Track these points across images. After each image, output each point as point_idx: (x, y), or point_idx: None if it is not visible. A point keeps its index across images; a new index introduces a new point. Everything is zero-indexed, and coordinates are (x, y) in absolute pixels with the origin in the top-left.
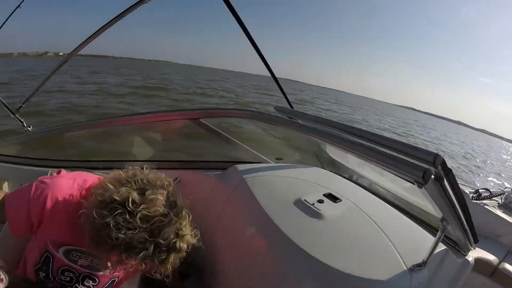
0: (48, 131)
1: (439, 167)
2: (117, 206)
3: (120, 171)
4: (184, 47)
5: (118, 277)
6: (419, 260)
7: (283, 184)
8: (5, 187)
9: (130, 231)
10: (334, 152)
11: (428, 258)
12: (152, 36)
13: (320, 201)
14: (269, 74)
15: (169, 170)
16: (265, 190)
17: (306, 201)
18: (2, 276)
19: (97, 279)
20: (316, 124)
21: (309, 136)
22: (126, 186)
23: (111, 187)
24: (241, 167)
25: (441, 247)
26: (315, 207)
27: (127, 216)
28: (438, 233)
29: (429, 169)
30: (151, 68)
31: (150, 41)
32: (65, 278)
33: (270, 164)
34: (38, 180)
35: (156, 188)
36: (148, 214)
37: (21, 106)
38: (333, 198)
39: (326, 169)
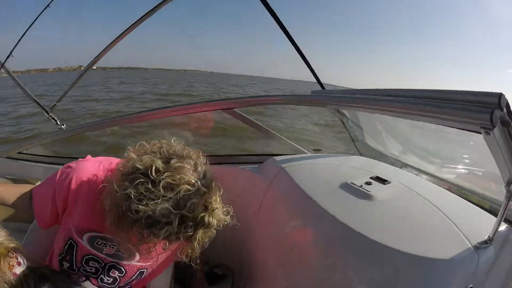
0: (82, 127)
1: (505, 110)
2: (139, 175)
3: (145, 142)
4: (212, 55)
5: (146, 269)
6: (483, 239)
7: (325, 171)
8: None
9: (152, 202)
10: (373, 138)
11: (494, 235)
12: (179, 45)
13: (368, 183)
14: (291, 77)
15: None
16: (307, 177)
17: (353, 183)
18: (20, 260)
19: (123, 269)
20: (356, 95)
21: (353, 108)
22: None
23: (134, 156)
24: (278, 158)
25: (504, 225)
26: (364, 189)
27: (150, 186)
28: (504, 202)
29: (496, 109)
30: (179, 77)
31: (178, 51)
32: (90, 269)
33: (309, 155)
34: (64, 166)
35: (183, 158)
36: (173, 182)
37: (55, 105)
38: (381, 180)
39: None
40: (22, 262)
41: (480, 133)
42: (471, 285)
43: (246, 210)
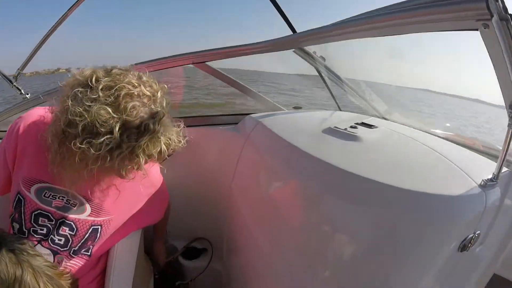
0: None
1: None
2: (79, 88)
3: None
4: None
5: (100, 226)
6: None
7: (306, 122)
8: None
9: (89, 105)
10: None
11: (499, 172)
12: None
13: (353, 127)
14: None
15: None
16: (286, 129)
17: (337, 127)
18: None
19: (74, 226)
20: (330, 26)
21: (337, 38)
22: None
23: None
24: (256, 115)
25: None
26: (349, 131)
27: (88, 92)
28: (508, 130)
29: None
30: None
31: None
32: (41, 229)
33: (288, 111)
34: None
35: (127, 70)
36: (112, 84)
37: (19, 73)
38: (367, 125)
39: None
40: None
41: (477, 29)
42: (479, 231)
43: (222, 175)
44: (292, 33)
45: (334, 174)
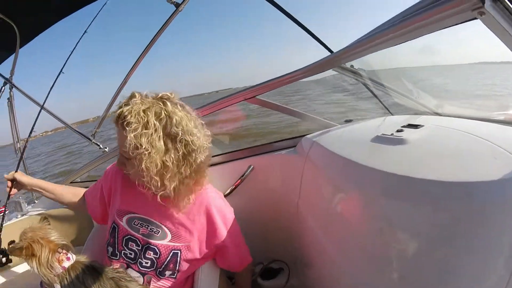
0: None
1: None
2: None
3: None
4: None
5: (180, 250)
6: None
7: (356, 133)
8: None
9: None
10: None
11: None
12: (207, 67)
13: (399, 131)
14: None
15: (241, 160)
16: (338, 143)
17: (383, 134)
18: (70, 256)
19: (157, 250)
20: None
21: (371, 50)
22: None
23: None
24: (311, 135)
25: None
26: (395, 136)
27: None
28: None
29: None
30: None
31: (209, 73)
32: (130, 253)
33: (340, 126)
34: None
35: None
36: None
37: (96, 131)
38: (413, 126)
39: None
40: (71, 257)
41: (476, 18)
42: None
43: (289, 195)
44: (329, 54)
45: (388, 180)
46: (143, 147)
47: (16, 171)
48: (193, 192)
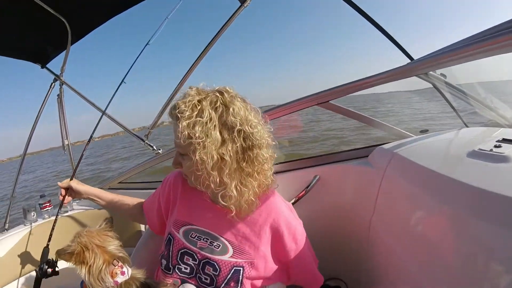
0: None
1: None
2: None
3: None
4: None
5: (242, 267)
6: None
7: (443, 146)
8: None
9: None
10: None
11: None
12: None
13: (497, 146)
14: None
15: (306, 169)
16: (425, 156)
17: (481, 149)
18: (125, 270)
19: (217, 266)
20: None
21: (449, 63)
22: None
23: None
24: (387, 146)
25: None
26: (496, 152)
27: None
28: None
29: None
30: None
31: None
32: (185, 268)
33: (417, 137)
34: None
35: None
36: None
37: (149, 132)
38: (510, 141)
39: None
40: (126, 272)
41: None
42: None
43: (360, 211)
44: (409, 61)
45: (490, 200)
46: (197, 135)
47: (71, 179)
48: (257, 196)
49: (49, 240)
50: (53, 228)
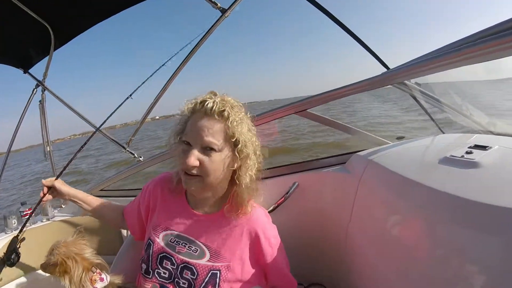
0: (157, 156)
1: None
2: None
3: None
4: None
5: (219, 270)
6: None
7: (417, 153)
8: None
9: None
10: (454, 112)
11: None
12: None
13: (469, 153)
14: None
15: (285, 176)
16: (400, 163)
17: (452, 156)
18: (103, 276)
19: (195, 270)
20: (423, 59)
21: (424, 73)
22: None
23: None
24: (363, 153)
25: None
26: (467, 158)
27: None
28: None
29: None
30: None
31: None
32: (164, 272)
33: (394, 143)
34: None
35: None
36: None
37: (131, 139)
38: (481, 147)
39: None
40: (105, 278)
41: None
42: None
43: (337, 217)
44: (386, 70)
45: (462, 206)
46: (243, 131)
47: (56, 179)
48: (248, 201)
49: (20, 231)
50: (26, 221)
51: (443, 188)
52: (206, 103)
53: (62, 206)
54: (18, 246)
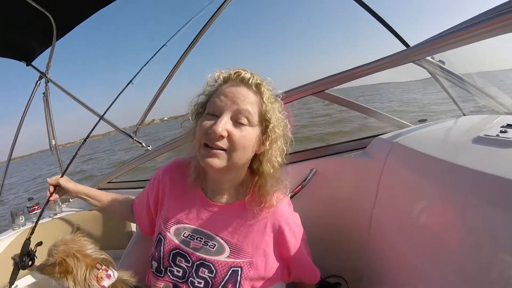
0: (167, 145)
1: None
2: None
3: None
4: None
5: (241, 267)
6: None
7: (446, 132)
8: None
9: None
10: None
11: None
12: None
13: (503, 131)
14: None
15: (302, 162)
16: (428, 144)
17: (487, 135)
18: (110, 272)
19: (213, 268)
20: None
21: (448, 47)
22: None
23: None
24: (385, 136)
25: None
26: (503, 137)
27: None
28: None
29: None
30: None
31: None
32: (177, 271)
33: (416, 126)
34: None
35: None
36: None
37: (138, 128)
38: None
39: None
40: (112, 275)
41: None
42: None
43: (359, 206)
44: (405, 48)
45: (497, 185)
46: (276, 109)
47: (61, 176)
48: (273, 193)
49: (32, 233)
50: (36, 222)
51: (477, 167)
52: (243, 73)
53: (70, 200)
54: (34, 250)
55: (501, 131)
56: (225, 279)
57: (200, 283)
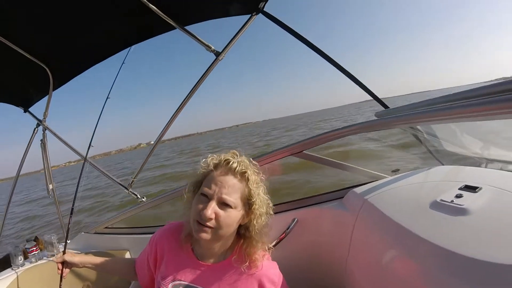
0: (159, 198)
1: None
2: None
3: None
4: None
5: None
6: None
7: (411, 192)
8: (127, 256)
9: None
10: (450, 142)
11: None
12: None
13: (459, 196)
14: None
15: (284, 213)
16: (393, 204)
17: (443, 200)
18: None
19: None
20: (421, 109)
21: (420, 123)
22: None
23: None
24: (359, 189)
25: None
26: (456, 204)
27: None
28: None
29: None
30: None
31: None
32: None
33: (389, 178)
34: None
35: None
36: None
37: (132, 181)
38: (471, 188)
39: (448, 165)
40: None
41: None
42: None
43: (336, 253)
44: (384, 109)
45: (451, 259)
46: (258, 192)
47: (64, 253)
48: (257, 253)
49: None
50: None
51: (430, 237)
52: (231, 162)
53: (68, 241)
54: None
55: (456, 195)
56: None
57: None
